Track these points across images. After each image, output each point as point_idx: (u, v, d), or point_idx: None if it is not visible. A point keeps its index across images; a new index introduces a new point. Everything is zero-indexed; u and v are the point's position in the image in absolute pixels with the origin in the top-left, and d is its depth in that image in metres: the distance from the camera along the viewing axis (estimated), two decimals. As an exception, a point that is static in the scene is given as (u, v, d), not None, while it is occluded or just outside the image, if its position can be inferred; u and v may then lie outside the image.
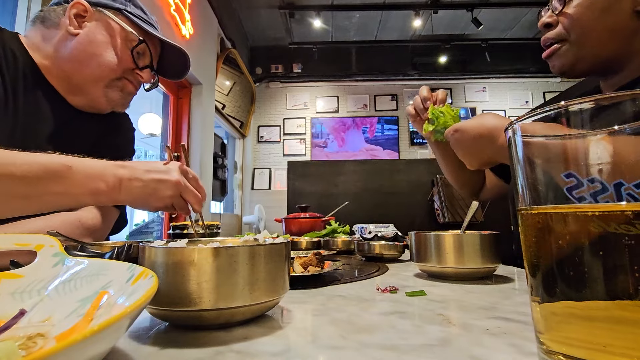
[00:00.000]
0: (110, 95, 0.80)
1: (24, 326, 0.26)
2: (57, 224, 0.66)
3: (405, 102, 5.44)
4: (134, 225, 6.79)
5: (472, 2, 4.44)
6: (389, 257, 0.85)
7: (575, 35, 0.67)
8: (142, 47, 0.81)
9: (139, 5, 0.84)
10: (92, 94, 0.79)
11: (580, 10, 0.66)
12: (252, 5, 4.50)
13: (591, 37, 0.66)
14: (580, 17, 0.66)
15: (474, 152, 0.71)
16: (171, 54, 0.89)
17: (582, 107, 0.20)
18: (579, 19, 0.66)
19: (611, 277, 0.19)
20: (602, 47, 0.67)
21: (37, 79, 0.75)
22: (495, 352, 0.27)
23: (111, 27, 0.78)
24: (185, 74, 0.93)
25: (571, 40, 0.68)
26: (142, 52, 0.82)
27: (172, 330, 0.33)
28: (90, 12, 0.76)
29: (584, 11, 0.66)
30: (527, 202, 0.23)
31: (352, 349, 0.28)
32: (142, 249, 0.34)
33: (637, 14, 0.62)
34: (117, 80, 0.80)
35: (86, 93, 0.79)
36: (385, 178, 2.97)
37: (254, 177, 5.21)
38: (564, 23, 0.68)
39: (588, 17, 0.65)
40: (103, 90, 0.79)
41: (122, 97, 0.83)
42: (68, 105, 0.80)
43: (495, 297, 0.46)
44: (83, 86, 0.78)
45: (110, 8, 0.79)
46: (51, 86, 0.77)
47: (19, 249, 0.35)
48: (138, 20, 0.80)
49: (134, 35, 0.79)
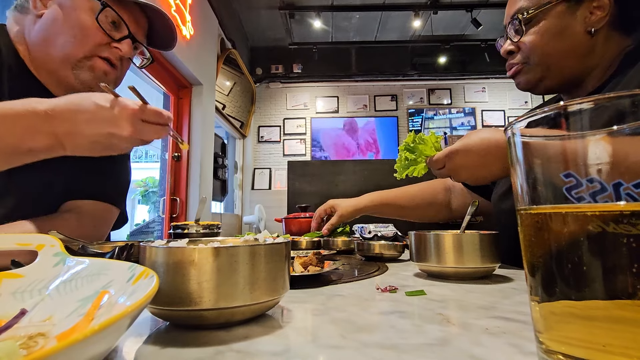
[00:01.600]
0: (81, 77, 0.71)
1: (24, 326, 0.26)
2: (56, 226, 0.66)
3: (405, 102, 5.45)
4: (135, 225, 6.79)
5: (472, 2, 4.45)
6: (388, 257, 0.85)
7: (536, 59, 0.72)
8: (111, 14, 0.70)
9: None
10: (63, 79, 0.71)
11: (536, 37, 0.71)
12: (253, 6, 4.50)
13: (550, 60, 0.71)
14: (536, 44, 0.71)
15: (483, 169, 0.72)
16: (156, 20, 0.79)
17: (581, 107, 0.20)
18: (536, 45, 0.71)
19: (610, 276, 0.19)
20: (562, 67, 0.71)
21: (21, 71, 0.70)
22: (494, 351, 0.27)
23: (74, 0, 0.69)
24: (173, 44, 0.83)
25: (532, 63, 0.73)
26: (115, 21, 0.71)
27: (173, 329, 0.33)
28: None
29: (539, 38, 0.70)
30: (527, 202, 0.23)
31: (352, 348, 0.28)
32: (142, 249, 0.34)
33: (589, 33, 0.67)
34: (86, 60, 0.70)
35: (57, 77, 0.71)
36: (385, 178, 2.96)
37: (254, 177, 5.21)
38: (523, 50, 0.73)
39: (544, 43, 0.70)
40: (72, 72, 0.70)
41: (95, 76, 0.72)
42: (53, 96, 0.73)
43: (495, 296, 0.46)
44: (55, 71, 0.71)
45: None
46: (34, 77, 0.72)
47: (20, 248, 0.35)
48: None
49: (97, 3, 0.68)
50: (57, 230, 0.54)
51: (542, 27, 0.70)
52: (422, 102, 5.45)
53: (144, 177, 9.36)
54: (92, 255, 0.43)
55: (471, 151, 0.71)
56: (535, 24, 0.70)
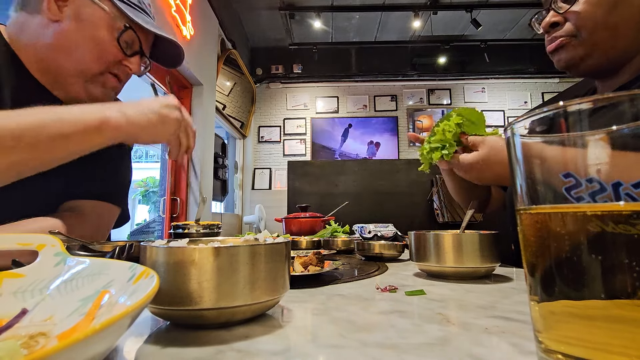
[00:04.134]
0: (92, 91, 0.72)
1: (25, 325, 0.26)
2: (58, 226, 0.66)
3: (404, 102, 5.45)
4: (135, 225, 6.79)
5: (471, 3, 4.44)
6: (388, 257, 0.85)
7: (587, 33, 0.65)
8: (130, 35, 0.71)
9: None
10: (71, 89, 0.71)
11: (590, 7, 0.64)
12: (253, 7, 4.51)
13: (603, 34, 0.64)
14: (590, 14, 0.64)
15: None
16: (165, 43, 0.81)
17: (580, 108, 0.20)
18: (590, 16, 0.64)
19: (609, 276, 0.19)
20: (613, 44, 0.65)
21: (20, 73, 0.69)
22: (494, 351, 0.27)
23: (95, 14, 0.68)
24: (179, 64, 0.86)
25: (582, 37, 0.66)
26: (130, 40, 0.73)
27: (173, 329, 0.33)
28: None
29: (593, 9, 0.64)
30: (526, 202, 0.23)
31: (351, 348, 0.28)
32: (143, 249, 0.34)
33: None
34: (100, 75, 0.71)
35: (65, 87, 0.71)
36: (385, 178, 2.97)
37: (254, 177, 5.21)
38: (573, 21, 0.66)
39: (599, 14, 0.63)
40: (83, 85, 0.71)
41: (105, 92, 0.74)
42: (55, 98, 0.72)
43: (495, 296, 0.46)
44: (63, 80, 0.70)
45: None
46: (35, 79, 0.70)
47: (20, 248, 0.35)
48: (126, 6, 0.71)
49: (120, 24, 0.70)
50: (57, 229, 0.54)
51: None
52: (422, 103, 5.45)
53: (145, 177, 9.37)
54: (92, 255, 0.43)
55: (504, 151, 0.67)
56: None
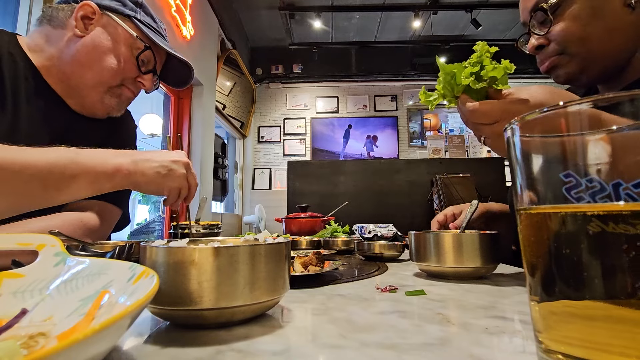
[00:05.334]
0: (107, 102, 0.80)
1: (25, 325, 0.26)
2: (58, 224, 0.66)
3: (404, 102, 5.44)
4: (136, 225, 6.79)
5: (472, 3, 4.44)
6: (388, 257, 0.85)
7: (574, 48, 0.65)
8: (148, 54, 0.80)
9: (149, 13, 0.83)
10: (89, 99, 0.78)
11: (570, 23, 0.64)
12: (253, 6, 4.51)
13: (590, 45, 0.64)
14: (570, 31, 0.64)
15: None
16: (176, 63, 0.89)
17: (580, 108, 0.20)
18: (571, 33, 0.64)
19: (610, 276, 0.19)
20: (603, 52, 0.64)
21: (38, 83, 0.74)
22: (494, 351, 0.27)
23: (118, 33, 0.77)
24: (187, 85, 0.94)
25: (570, 53, 0.66)
26: (146, 59, 0.81)
27: (173, 329, 0.33)
28: (98, 15, 0.75)
29: (574, 23, 0.63)
30: (526, 202, 0.23)
31: (351, 348, 0.28)
32: (143, 249, 0.34)
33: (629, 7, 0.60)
34: (117, 87, 0.80)
35: (83, 97, 0.78)
36: (385, 178, 2.96)
37: (254, 177, 5.21)
38: (557, 40, 0.66)
39: (580, 27, 0.63)
40: (101, 95, 0.78)
41: (119, 103, 0.82)
42: (69, 108, 0.79)
43: (495, 296, 0.46)
44: (81, 90, 0.77)
45: (120, 14, 0.78)
46: (52, 89, 0.76)
47: (20, 248, 0.35)
48: (147, 28, 0.80)
49: (140, 43, 0.78)
50: (58, 229, 0.55)
51: (574, 10, 0.63)
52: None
53: (144, 177, 9.33)
54: (92, 255, 0.43)
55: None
56: (566, 8, 0.63)
